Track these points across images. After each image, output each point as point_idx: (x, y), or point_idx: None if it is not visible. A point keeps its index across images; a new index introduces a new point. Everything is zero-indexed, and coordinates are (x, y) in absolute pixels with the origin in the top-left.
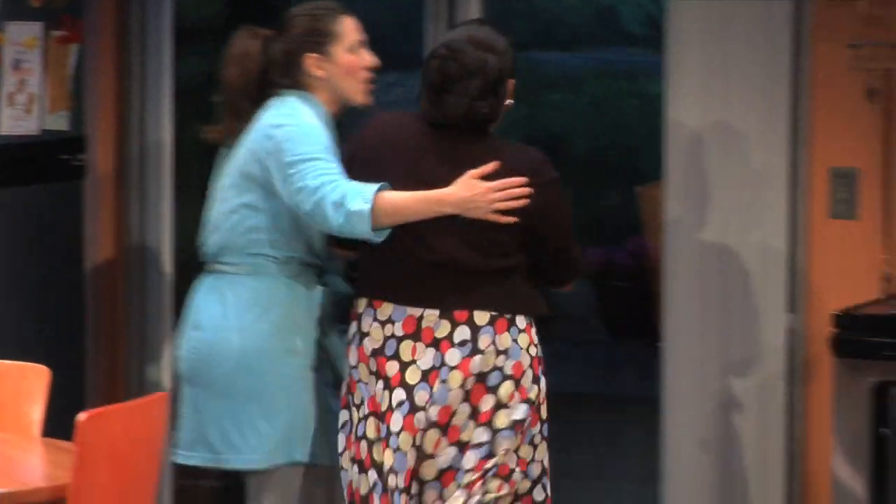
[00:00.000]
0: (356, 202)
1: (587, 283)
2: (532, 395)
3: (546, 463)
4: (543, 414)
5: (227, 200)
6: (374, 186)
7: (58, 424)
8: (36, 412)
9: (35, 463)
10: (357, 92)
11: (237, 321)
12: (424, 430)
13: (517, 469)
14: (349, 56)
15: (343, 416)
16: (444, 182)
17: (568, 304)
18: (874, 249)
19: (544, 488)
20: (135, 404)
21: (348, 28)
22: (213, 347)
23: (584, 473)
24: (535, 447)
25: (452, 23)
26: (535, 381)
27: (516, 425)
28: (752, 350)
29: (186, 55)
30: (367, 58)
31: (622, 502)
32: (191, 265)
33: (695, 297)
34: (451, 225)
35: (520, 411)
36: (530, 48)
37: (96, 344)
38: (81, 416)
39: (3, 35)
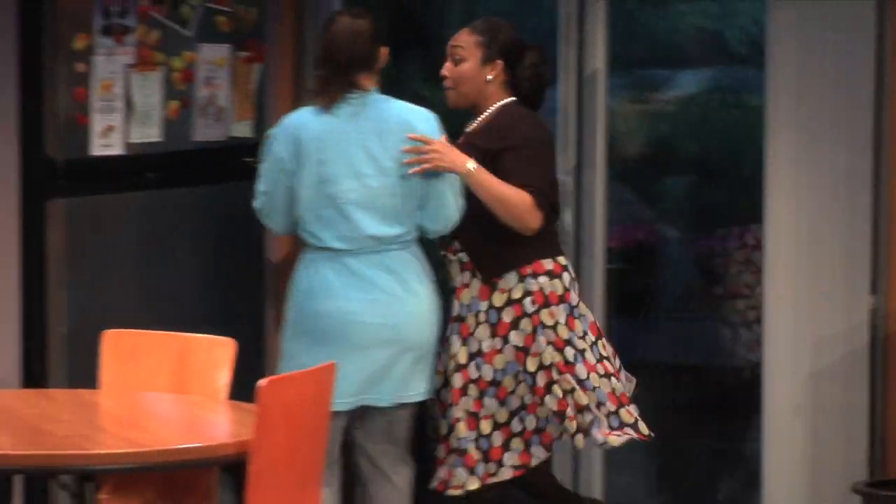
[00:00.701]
0: None
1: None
2: None
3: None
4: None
5: None
6: None
7: (242, 389)
8: (223, 378)
9: (222, 422)
10: None
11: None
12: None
13: None
14: None
15: (578, 345)
16: None
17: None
18: None
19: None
20: (306, 372)
21: None
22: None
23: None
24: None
25: (581, 44)
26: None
27: None
28: (839, 327)
29: None
30: None
31: (726, 459)
32: None
33: (790, 280)
34: None
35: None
36: (648, 66)
37: (274, 320)
38: (262, 382)
39: (197, 55)
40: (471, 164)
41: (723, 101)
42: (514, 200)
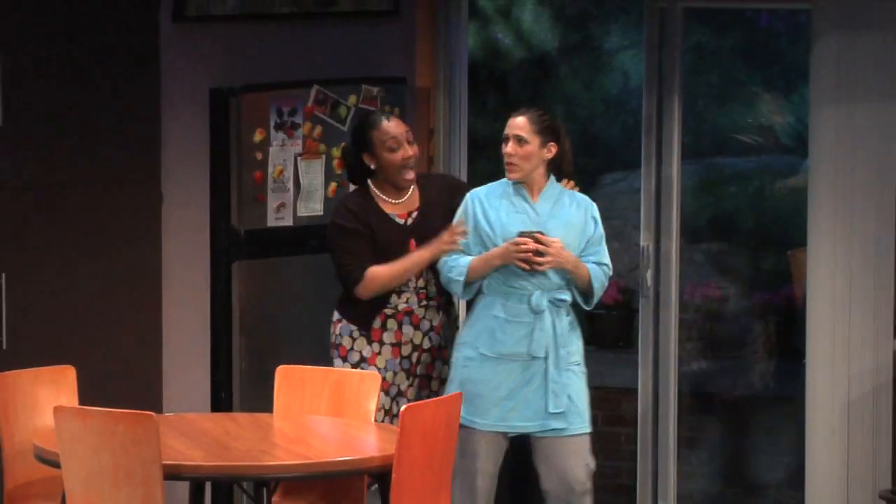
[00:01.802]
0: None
1: (753, 317)
2: None
3: None
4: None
5: None
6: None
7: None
8: (371, 404)
9: (371, 440)
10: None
11: None
12: None
13: None
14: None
15: None
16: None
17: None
18: None
19: None
20: (440, 399)
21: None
22: None
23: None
24: None
25: (659, 134)
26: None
27: None
28: (868, 365)
29: (474, 160)
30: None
31: (777, 471)
32: None
33: (829, 328)
34: None
35: None
36: (715, 155)
37: None
38: (403, 408)
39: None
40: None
41: (773, 182)
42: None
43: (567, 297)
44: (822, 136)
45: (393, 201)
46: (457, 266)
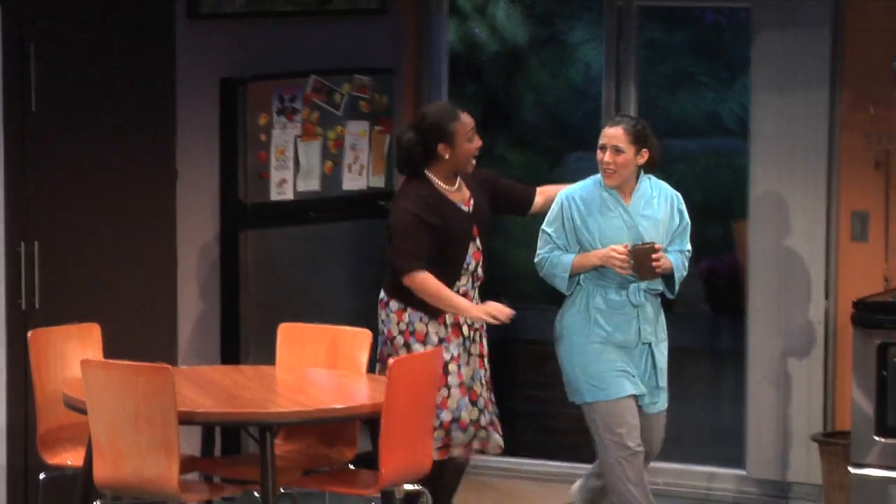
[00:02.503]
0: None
1: (700, 279)
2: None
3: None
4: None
5: None
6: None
7: (375, 366)
8: (363, 357)
9: (363, 389)
10: None
11: None
12: None
13: None
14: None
15: None
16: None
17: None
18: (878, 261)
19: None
20: (423, 354)
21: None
22: None
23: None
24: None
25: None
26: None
27: None
28: (803, 321)
29: None
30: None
31: (721, 414)
32: None
33: (767, 289)
34: None
35: None
36: (664, 137)
37: None
38: (392, 361)
39: (345, 129)
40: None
41: (718, 162)
42: None
43: (660, 287)
44: (762, 121)
45: (452, 189)
46: (560, 263)
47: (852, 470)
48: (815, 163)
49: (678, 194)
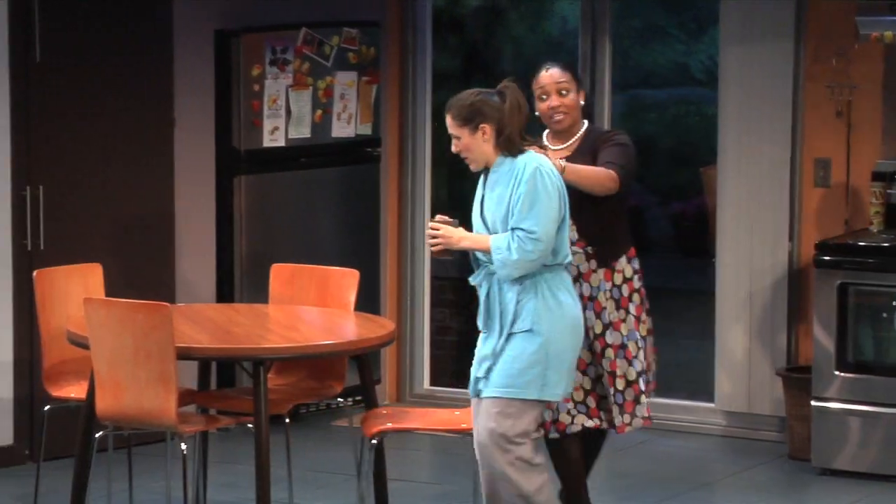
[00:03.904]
0: None
1: (670, 220)
2: None
3: None
4: None
5: None
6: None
7: (364, 303)
8: (351, 296)
9: (350, 326)
10: None
11: None
12: None
13: None
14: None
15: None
16: None
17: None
18: (839, 205)
19: None
20: None
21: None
22: None
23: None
24: None
25: (593, 69)
26: None
27: None
28: (768, 262)
29: (437, 90)
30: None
31: (691, 350)
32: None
33: (735, 232)
34: None
35: None
36: (636, 87)
37: (387, 256)
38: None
39: (334, 79)
40: (561, 161)
41: (688, 111)
42: (599, 174)
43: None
44: (729, 71)
45: (554, 147)
46: None
47: (814, 403)
48: (780, 112)
49: (537, 165)
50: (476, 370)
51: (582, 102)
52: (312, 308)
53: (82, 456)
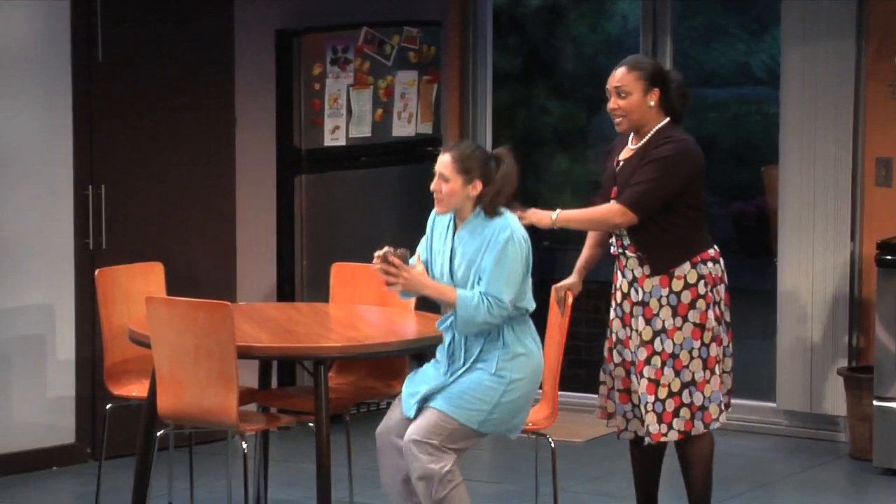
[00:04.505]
0: None
1: (732, 220)
2: None
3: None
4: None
5: None
6: None
7: (424, 302)
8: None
9: (411, 325)
10: None
11: None
12: None
13: None
14: None
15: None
16: None
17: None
18: None
19: None
20: None
21: None
22: None
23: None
24: None
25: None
26: None
27: None
28: (830, 262)
29: (497, 90)
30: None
31: (753, 350)
32: None
33: (796, 231)
34: None
35: None
36: (698, 86)
37: None
38: None
39: (395, 78)
40: (553, 214)
41: (749, 110)
42: (597, 216)
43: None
44: (791, 71)
45: (630, 145)
46: None
47: (876, 402)
48: (842, 111)
49: (510, 233)
50: (412, 393)
51: (651, 103)
52: (373, 307)
53: (143, 454)
